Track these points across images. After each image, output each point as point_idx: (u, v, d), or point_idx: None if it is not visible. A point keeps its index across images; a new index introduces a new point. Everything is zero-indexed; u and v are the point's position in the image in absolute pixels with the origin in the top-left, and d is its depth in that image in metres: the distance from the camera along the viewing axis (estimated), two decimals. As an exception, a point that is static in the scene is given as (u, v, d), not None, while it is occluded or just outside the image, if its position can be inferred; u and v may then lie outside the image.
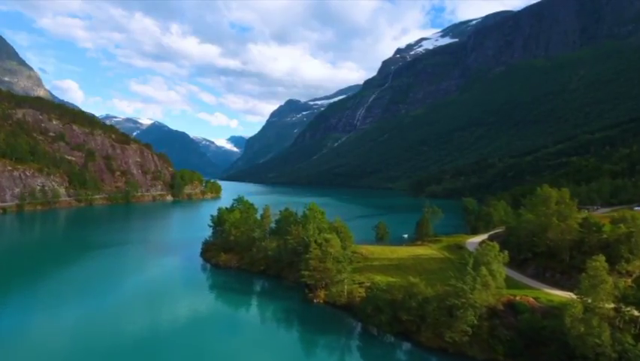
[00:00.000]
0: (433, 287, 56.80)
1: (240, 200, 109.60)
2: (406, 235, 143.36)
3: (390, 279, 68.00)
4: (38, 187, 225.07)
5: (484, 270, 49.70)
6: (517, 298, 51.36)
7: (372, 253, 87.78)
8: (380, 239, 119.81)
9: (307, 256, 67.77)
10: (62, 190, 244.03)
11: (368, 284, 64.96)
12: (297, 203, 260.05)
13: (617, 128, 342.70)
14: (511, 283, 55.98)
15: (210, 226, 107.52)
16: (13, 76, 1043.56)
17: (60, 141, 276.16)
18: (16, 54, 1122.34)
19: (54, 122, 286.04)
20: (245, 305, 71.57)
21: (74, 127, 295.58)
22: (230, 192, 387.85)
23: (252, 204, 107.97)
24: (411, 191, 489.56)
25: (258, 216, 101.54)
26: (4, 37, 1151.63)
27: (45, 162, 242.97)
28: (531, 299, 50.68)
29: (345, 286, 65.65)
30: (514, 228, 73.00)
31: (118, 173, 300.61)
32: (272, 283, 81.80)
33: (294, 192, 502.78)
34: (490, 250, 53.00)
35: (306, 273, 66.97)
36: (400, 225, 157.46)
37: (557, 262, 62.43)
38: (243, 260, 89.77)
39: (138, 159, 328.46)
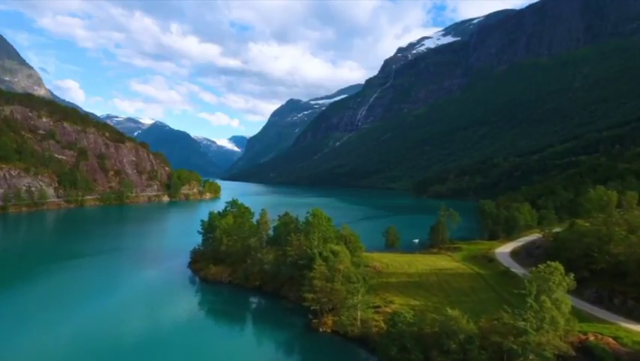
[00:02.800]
0: (472, 316, 44.45)
1: (233, 203, 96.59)
2: (416, 240, 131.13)
3: (413, 301, 55.67)
4: (24, 188, 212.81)
5: (547, 302, 37.35)
6: (591, 337, 38.95)
7: (387, 265, 74.99)
8: (390, 246, 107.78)
9: (311, 273, 55.10)
10: (51, 191, 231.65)
11: (388, 310, 52.49)
12: (299, 204, 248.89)
13: (627, 126, 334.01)
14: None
15: (200, 233, 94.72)
16: (13, 75, 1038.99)
17: (50, 139, 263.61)
18: (17, 54, 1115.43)
19: (44, 120, 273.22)
20: (235, 333, 58.97)
21: (66, 125, 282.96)
22: (230, 192, 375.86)
23: (247, 208, 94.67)
24: (414, 191, 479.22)
25: (255, 221, 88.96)
26: (4, 36, 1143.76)
27: (32, 161, 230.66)
28: (610, 340, 38.28)
29: (359, 312, 52.80)
30: (564, 239, 60.14)
31: (111, 173, 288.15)
32: (269, 303, 68.86)
33: (295, 192, 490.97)
34: (552, 272, 40.48)
35: (310, 296, 54.17)
36: (408, 228, 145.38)
37: (629, 284, 49.60)
38: (236, 274, 76.74)
39: (133, 158, 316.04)
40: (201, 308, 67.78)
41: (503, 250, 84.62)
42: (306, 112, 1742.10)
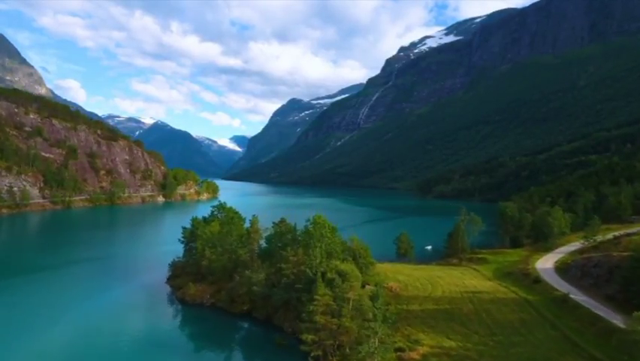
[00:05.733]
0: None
1: (221, 206, 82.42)
2: (429, 247, 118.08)
3: (447, 342, 41.92)
4: (5, 188, 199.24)
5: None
6: None
7: (405, 285, 60.76)
8: (403, 255, 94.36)
9: (311, 306, 41.31)
10: (35, 191, 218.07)
11: (414, 356, 38.86)
12: (299, 205, 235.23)
13: (636, 125, 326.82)
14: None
15: (181, 242, 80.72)
16: (14, 75, 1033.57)
17: (37, 136, 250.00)
18: (18, 53, 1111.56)
19: (31, 116, 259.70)
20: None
21: (54, 122, 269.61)
22: (230, 192, 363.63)
23: (236, 213, 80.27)
24: (418, 191, 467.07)
25: (246, 229, 74.89)
26: (5, 36, 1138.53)
27: (16, 160, 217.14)
28: None
29: (377, 359, 38.74)
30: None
31: (103, 172, 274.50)
32: (258, 335, 54.54)
33: (296, 192, 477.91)
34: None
35: (309, 337, 40.33)
36: (417, 232, 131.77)
37: None
38: (220, 295, 62.72)
39: (126, 157, 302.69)
40: (173, 340, 53.50)
41: (543, 264, 70.25)
42: (307, 111, 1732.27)
